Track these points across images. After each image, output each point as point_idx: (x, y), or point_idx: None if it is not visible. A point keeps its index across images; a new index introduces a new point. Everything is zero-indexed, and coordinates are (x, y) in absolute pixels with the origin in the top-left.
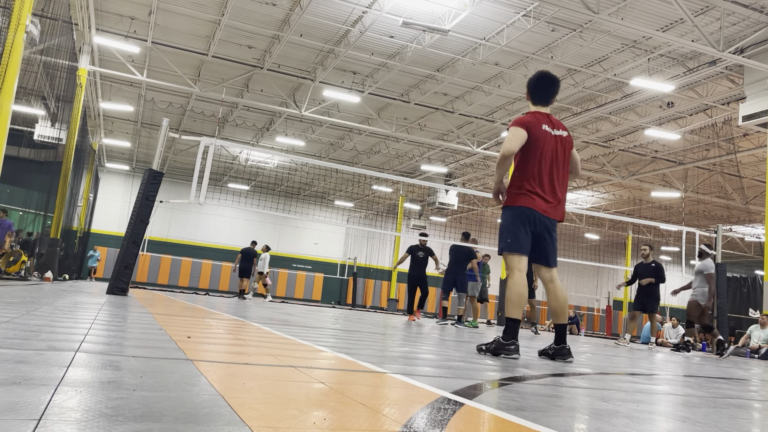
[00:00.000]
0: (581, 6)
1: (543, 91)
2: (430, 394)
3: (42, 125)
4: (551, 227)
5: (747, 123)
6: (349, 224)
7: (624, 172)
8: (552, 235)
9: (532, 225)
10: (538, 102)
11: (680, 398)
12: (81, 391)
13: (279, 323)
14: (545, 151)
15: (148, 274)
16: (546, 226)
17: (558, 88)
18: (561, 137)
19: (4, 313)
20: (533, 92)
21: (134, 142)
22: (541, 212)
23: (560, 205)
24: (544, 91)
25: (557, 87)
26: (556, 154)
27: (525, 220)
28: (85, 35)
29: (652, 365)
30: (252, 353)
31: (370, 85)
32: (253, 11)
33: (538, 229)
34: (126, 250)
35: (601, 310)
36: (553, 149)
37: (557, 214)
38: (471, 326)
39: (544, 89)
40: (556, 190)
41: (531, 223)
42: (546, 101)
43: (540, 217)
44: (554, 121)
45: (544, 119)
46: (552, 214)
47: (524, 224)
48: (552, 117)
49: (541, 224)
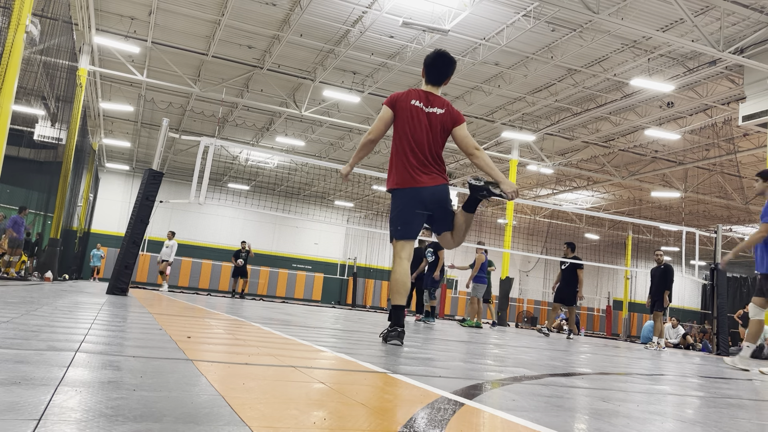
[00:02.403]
0: (581, 6)
1: (433, 72)
2: (430, 394)
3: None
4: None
5: (747, 123)
6: (349, 224)
7: (624, 172)
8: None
9: (422, 204)
10: (429, 80)
11: (680, 398)
12: (81, 391)
13: (279, 323)
14: (409, 124)
15: (148, 274)
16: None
17: (453, 68)
18: (434, 114)
19: (4, 313)
20: (426, 71)
21: (134, 142)
22: (423, 185)
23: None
24: (434, 72)
25: (452, 68)
26: (426, 128)
27: (410, 200)
28: (85, 35)
29: (652, 365)
30: (252, 353)
31: (370, 85)
32: (253, 11)
33: (430, 206)
34: (126, 250)
35: (601, 310)
36: (424, 124)
37: (438, 180)
38: (470, 326)
39: (433, 69)
40: (428, 160)
41: (418, 203)
42: (438, 80)
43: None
44: (432, 98)
45: (417, 95)
46: (432, 182)
47: (409, 206)
48: (431, 95)
49: (426, 199)
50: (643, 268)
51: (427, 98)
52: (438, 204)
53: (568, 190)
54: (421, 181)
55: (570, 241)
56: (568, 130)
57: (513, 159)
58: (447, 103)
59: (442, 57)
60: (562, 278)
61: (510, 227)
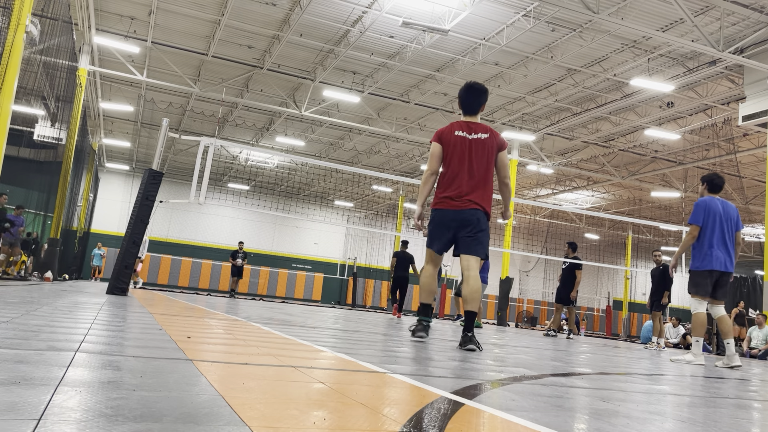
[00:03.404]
0: (581, 6)
1: (466, 102)
2: (430, 394)
3: (42, 125)
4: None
5: (747, 123)
6: (349, 224)
7: (624, 172)
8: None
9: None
10: (466, 111)
11: (680, 398)
12: (81, 391)
13: (279, 323)
14: (456, 153)
15: (148, 274)
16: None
17: (485, 97)
18: (478, 140)
19: (4, 313)
20: (461, 103)
21: (134, 142)
22: (453, 209)
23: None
24: (467, 102)
25: (484, 97)
26: (471, 154)
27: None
28: (85, 35)
29: (652, 365)
30: (252, 353)
31: (370, 85)
32: (253, 11)
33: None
34: (126, 250)
35: (601, 310)
36: (468, 150)
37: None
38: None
39: (467, 100)
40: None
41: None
42: (472, 111)
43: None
44: (473, 126)
45: (459, 126)
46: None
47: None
48: (472, 123)
49: (454, 221)
50: (643, 268)
51: (469, 127)
52: (462, 228)
53: (568, 190)
54: (455, 204)
55: (572, 241)
56: (568, 130)
57: (513, 159)
58: (490, 129)
59: (472, 89)
60: (562, 278)
61: (510, 227)
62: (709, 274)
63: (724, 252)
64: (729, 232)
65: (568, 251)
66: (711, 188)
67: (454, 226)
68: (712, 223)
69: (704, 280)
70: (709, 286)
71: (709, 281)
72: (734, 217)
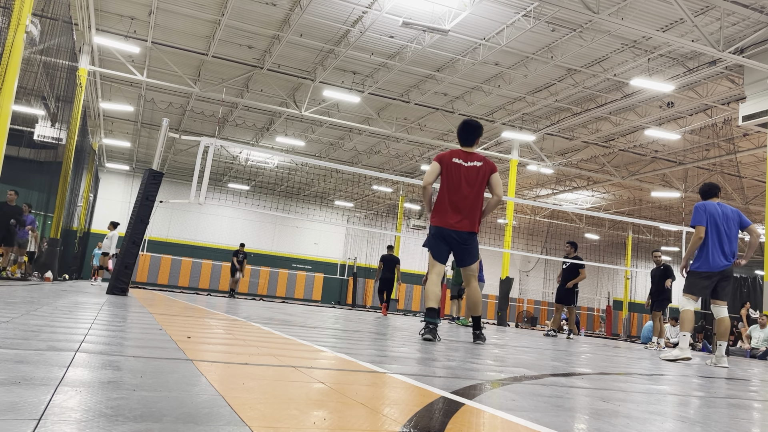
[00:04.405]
0: (581, 6)
1: (462, 137)
2: (430, 394)
3: (42, 125)
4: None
5: (747, 123)
6: (349, 224)
7: (624, 172)
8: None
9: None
10: (462, 144)
11: (680, 398)
12: (81, 391)
13: (279, 323)
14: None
15: (148, 274)
16: (454, 238)
17: (479, 132)
18: (473, 167)
19: (4, 313)
20: (458, 137)
21: (134, 142)
22: (449, 227)
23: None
24: (463, 137)
25: (478, 132)
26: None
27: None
28: (85, 35)
29: (652, 365)
30: (252, 353)
31: (370, 85)
32: (253, 11)
33: (448, 242)
34: (126, 250)
35: (601, 310)
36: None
37: (464, 226)
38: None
39: (462, 135)
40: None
41: (444, 238)
42: (468, 143)
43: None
44: (470, 155)
45: (457, 154)
46: (458, 227)
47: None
48: (469, 153)
49: (450, 237)
50: (643, 268)
51: (466, 155)
52: (458, 244)
53: (568, 190)
54: (451, 223)
55: (572, 241)
56: (568, 130)
57: (513, 159)
58: (483, 158)
59: (467, 126)
60: (563, 278)
61: (510, 227)
62: (707, 276)
63: (724, 254)
64: (728, 233)
65: (570, 250)
66: (706, 197)
67: (449, 240)
68: (711, 225)
69: (701, 281)
70: (704, 288)
71: (707, 283)
72: (734, 217)
